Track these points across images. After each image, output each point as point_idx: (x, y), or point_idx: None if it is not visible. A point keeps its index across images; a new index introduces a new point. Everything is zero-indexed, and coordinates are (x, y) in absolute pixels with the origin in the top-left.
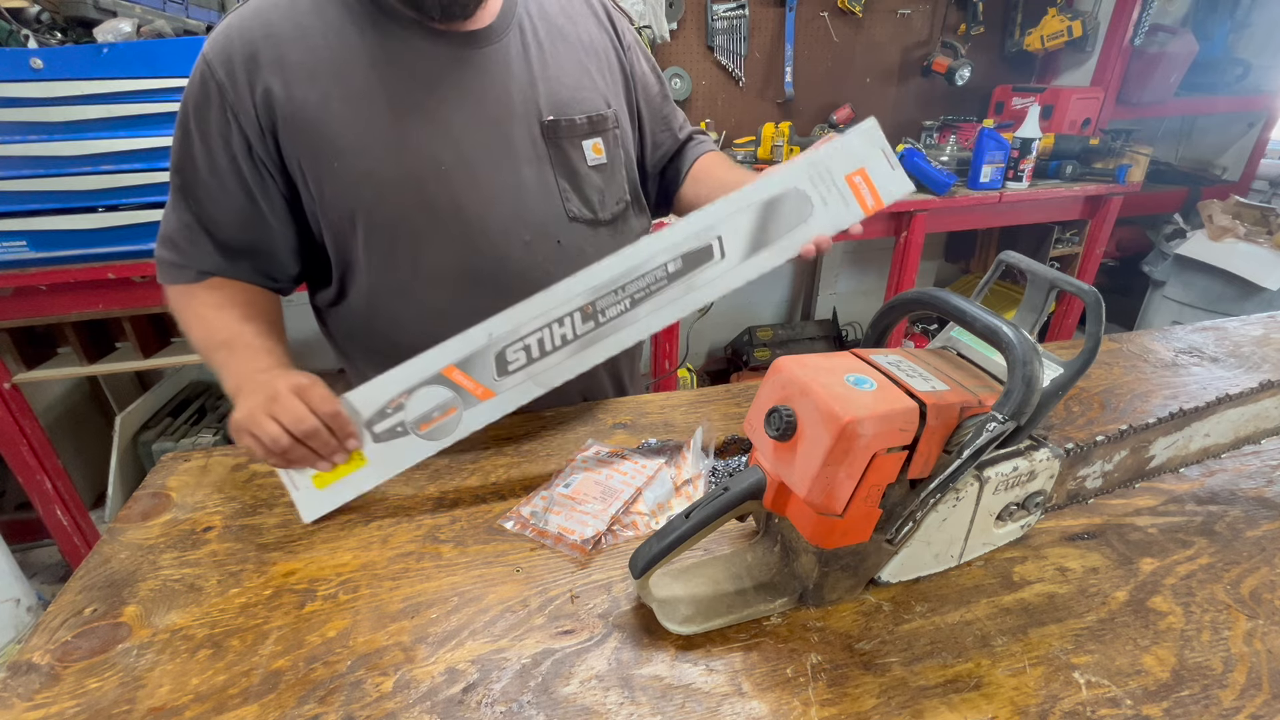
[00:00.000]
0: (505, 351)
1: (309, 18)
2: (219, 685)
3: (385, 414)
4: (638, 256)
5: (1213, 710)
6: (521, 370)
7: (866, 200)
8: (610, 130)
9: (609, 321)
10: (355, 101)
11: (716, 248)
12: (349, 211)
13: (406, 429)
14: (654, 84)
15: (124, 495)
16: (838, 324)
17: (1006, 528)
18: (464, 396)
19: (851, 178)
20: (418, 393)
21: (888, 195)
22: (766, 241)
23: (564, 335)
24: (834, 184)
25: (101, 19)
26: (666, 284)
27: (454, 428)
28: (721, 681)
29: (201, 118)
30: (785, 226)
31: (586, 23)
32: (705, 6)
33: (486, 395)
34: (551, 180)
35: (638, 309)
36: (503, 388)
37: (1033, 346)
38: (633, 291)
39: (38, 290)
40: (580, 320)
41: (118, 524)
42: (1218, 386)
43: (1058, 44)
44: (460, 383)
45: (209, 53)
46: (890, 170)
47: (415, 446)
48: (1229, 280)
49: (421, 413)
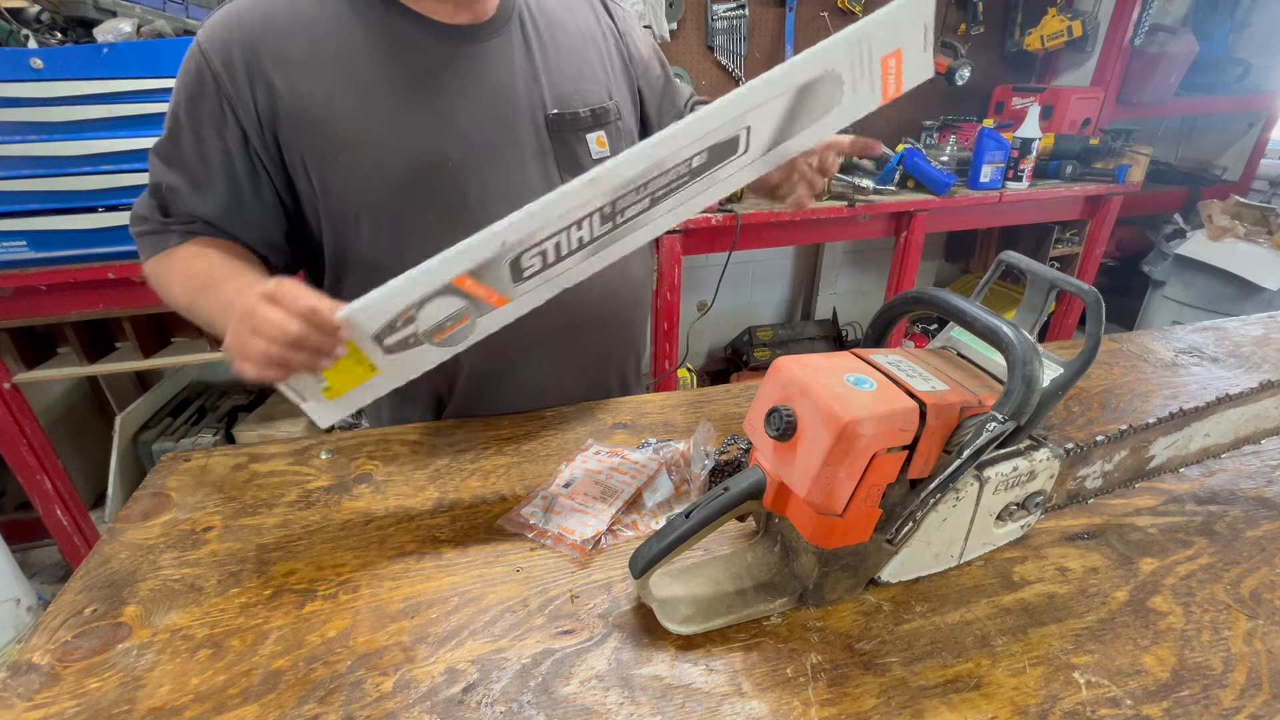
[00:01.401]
0: (520, 258)
1: (311, 9)
2: (219, 685)
3: (395, 328)
4: (665, 149)
5: (1213, 710)
6: (537, 275)
7: (889, 87)
8: (613, 122)
9: (627, 221)
10: (361, 94)
11: (743, 139)
12: (354, 206)
13: (420, 339)
14: (655, 66)
15: (124, 495)
16: (838, 324)
17: (1006, 528)
18: (477, 305)
19: (886, 59)
20: (429, 305)
21: (910, 80)
22: (791, 132)
23: (581, 238)
24: (870, 65)
25: (101, 19)
26: (688, 180)
27: (469, 333)
28: (721, 681)
29: (194, 108)
30: (812, 116)
31: (583, 12)
32: (705, 6)
33: (501, 302)
34: (555, 175)
35: (657, 206)
36: (518, 293)
37: (1033, 346)
38: (654, 190)
39: (38, 290)
40: (599, 222)
41: (118, 524)
42: (1218, 386)
43: (1058, 44)
44: (473, 291)
45: (205, 44)
46: (922, 51)
47: (429, 354)
48: (1229, 280)
49: (434, 323)
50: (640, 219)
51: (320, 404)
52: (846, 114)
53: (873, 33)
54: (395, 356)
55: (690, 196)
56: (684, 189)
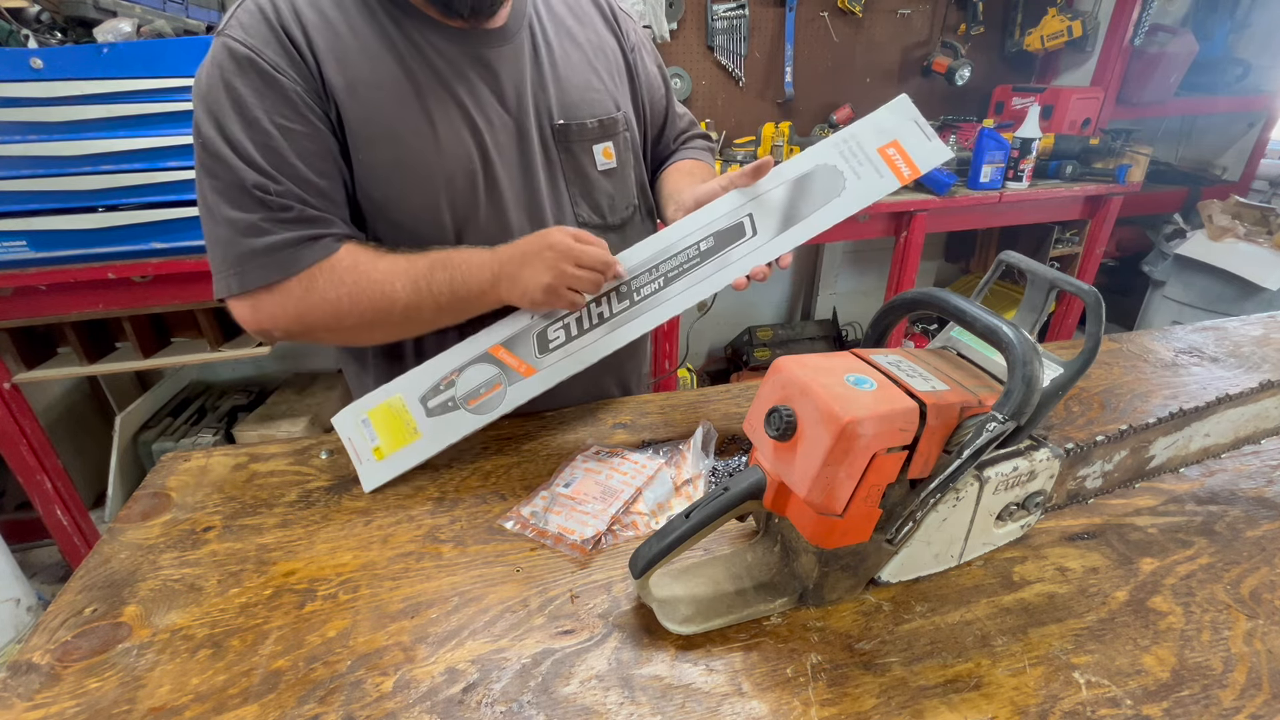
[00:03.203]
0: (546, 331)
1: (330, 8)
2: (219, 685)
3: (438, 390)
4: (670, 237)
5: (1213, 710)
6: (560, 348)
7: (902, 170)
8: (620, 134)
9: (643, 300)
10: (380, 92)
11: (748, 225)
12: (372, 203)
13: (456, 404)
14: (659, 86)
15: (124, 495)
16: (838, 324)
17: (1006, 528)
18: (508, 373)
19: (885, 150)
20: (467, 370)
21: (924, 164)
22: (798, 217)
23: (600, 314)
24: (866, 158)
25: (101, 19)
26: (699, 262)
27: (499, 403)
28: (721, 681)
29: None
30: (817, 201)
31: (594, 23)
32: (705, 6)
33: (529, 372)
34: (561, 185)
35: (671, 287)
36: (544, 365)
37: (1033, 346)
38: (666, 270)
39: (38, 290)
40: (615, 300)
41: (118, 524)
42: (1218, 386)
43: (1058, 44)
44: (505, 360)
45: (248, 40)
46: (926, 140)
47: (464, 420)
48: (1229, 280)
49: (470, 389)
50: (656, 297)
51: (371, 465)
52: (859, 197)
53: (858, 133)
54: (435, 420)
55: (705, 276)
56: (696, 269)
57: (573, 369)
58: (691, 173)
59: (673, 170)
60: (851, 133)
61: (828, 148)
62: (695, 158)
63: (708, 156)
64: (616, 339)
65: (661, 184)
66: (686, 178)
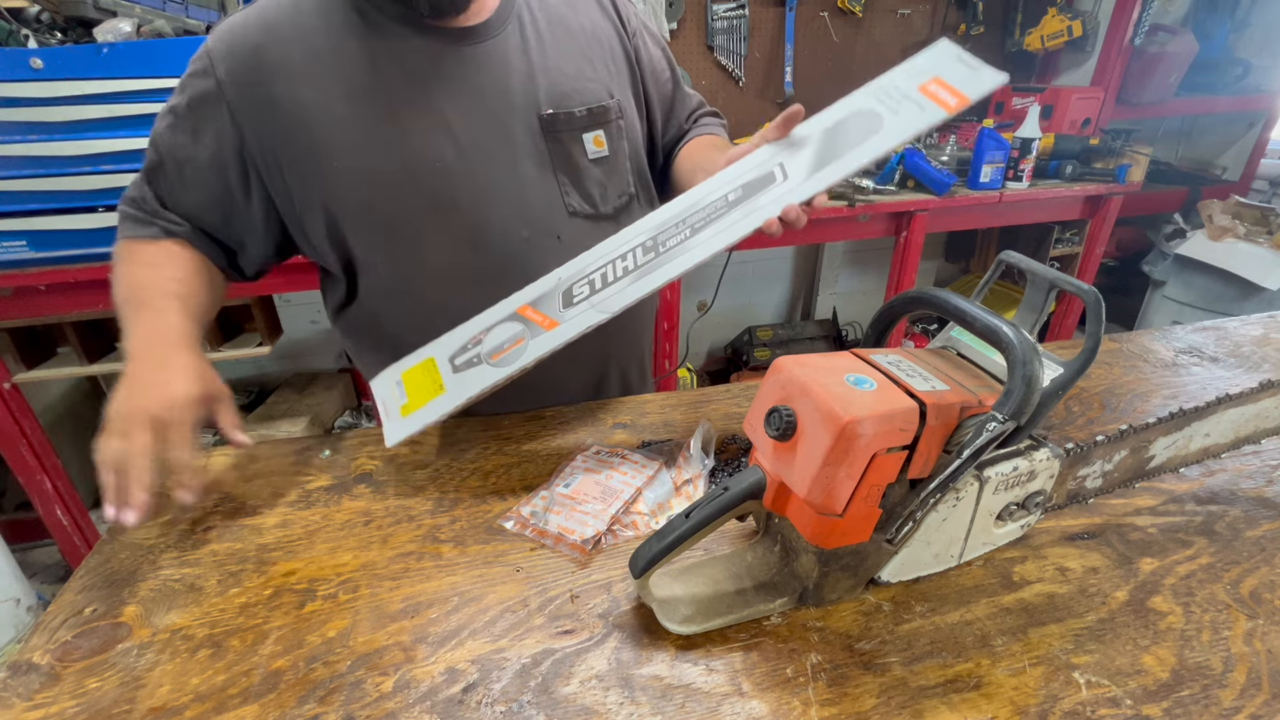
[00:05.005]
0: (572, 288)
1: (312, 19)
2: (219, 685)
3: (466, 349)
4: (697, 195)
5: (1213, 710)
6: (585, 301)
7: (948, 100)
8: (613, 121)
9: (669, 250)
10: (354, 100)
11: (778, 172)
12: (349, 209)
13: (481, 359)
14: (664, 69)
15: None
16: (838, 324)
17: (1006, 528)
18: (531, 328)
19: (925, 86)
20: (494, 330)
21: (973, 92)
22: (833, 158)
23: (625, 267)
24: (904, 96)
25: (101, 19)
26: (727, 210)
27: (520, 355)
28: (721, 681)
29: (196, 109)
30: (853, 140)
31: (589, 11)
32: (705, 6)
33: (551, 326)
34: (551, 175)
35: (697, 235)
36: (566, 317)
37: (1033, 346)
38: (693, 222)
39: (38, 290)
40: (642, 253)
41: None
42: (1218, 386)
43: (1058, 44)
44: (530, 317)
45: (212, 48)
46: (972, 72)
47: (485, 373)
48: (1229, 280)
49: (494, 344)
50: (681, 247)
51: (396, 421)
52: (900, 130)
53: (892, 77)
54: (459, 375)
55: (733, 221)
56: (724, 217)
57: (595, 318)
58: (715, 145)
59: (694, 144)
60: (888, 77)
61: (862, 95)
62: (713, 133)
63: (723, 132)
64: (640, 288)
65: (684, 160)
66: (712, 150)
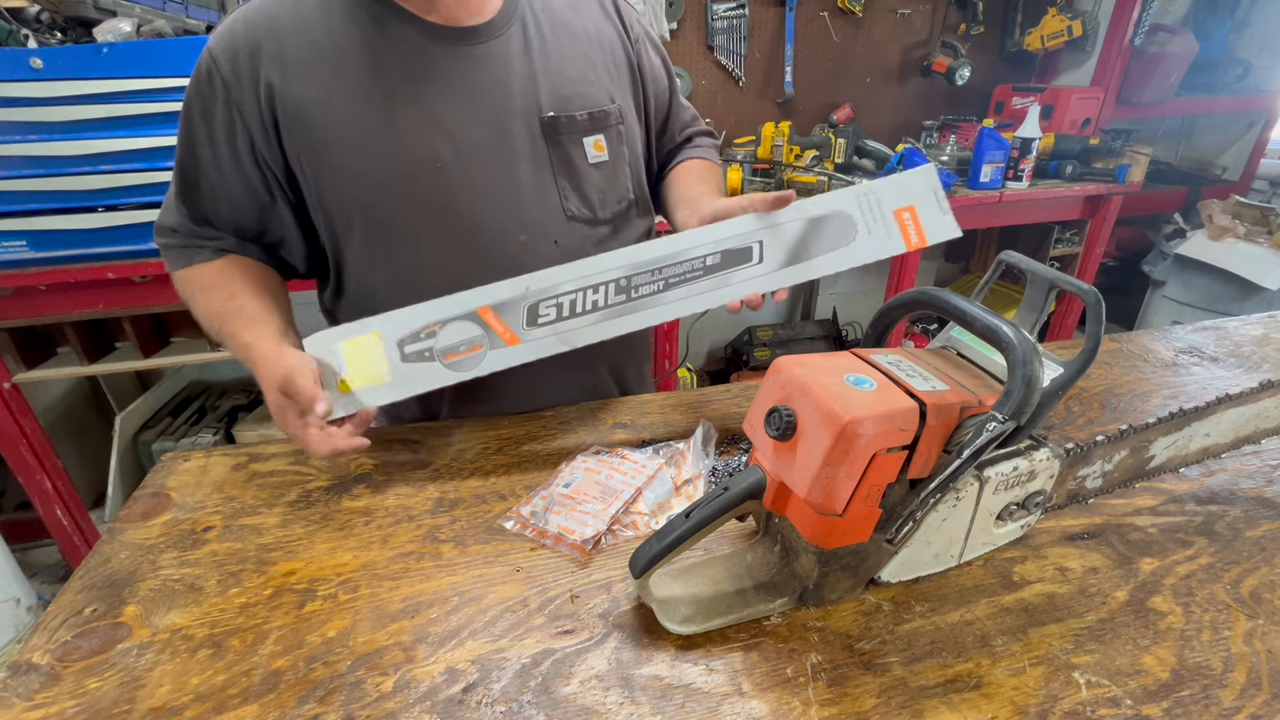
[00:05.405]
0: (539, 305)
1: (314, 14)
2: (219, 685)
3: (418, 337)
4: (680, 244)
5: (1213, 710)
6: (549, 325)
7: (911, 236)
8: (613, 126)
9: (640, 298)
10: (353, 97)
11: (756, 251)
12: (346, 208)
13: (433, 355)
14: (663, 79)
15: (124, 495)
16: (838, 324)
17: (1006, 528)
18: (491, 337)
19: (900, 213)
20: (450, 325)
21: (934, 236)
22: (805, 256)
23: (595, 301)
24: (881, 216)
25: (101, 19)
26: (702, 275)
27: (476, 364)
28: (721, 681)
29: (206, 112)
30: (826, 245)
31: (593, 15)
32: (705, 6)
33: (513, 341)
34: (550, 178)
35: (669, 292)
36: (529, 337)
37: (1033, 346)
38: (668, 275)
39: (38, 290)
40: (613, 291)
41: (118, 524)
42: (1218, 386)
43: (1058, 44)
44: (491, 324)
45: (214, 47)
46: (940, 214)
47: (436, 373)
48: (1229, 280)
49: (450, 344)
50: (653, 299)
51: (334, 394)
52: (866, 251)
53: (878, 189)
54: (407, 367)
55: (703, 291)
56: (697, 282)
57: (557, 348)
58: (703, 177)
59: (684, 170)
60: (874, 187)
61: (849, 197)
62: (704, 157)
63: (714, 155)
64: (606, 329)
65: (671, 184)
66: (700, 183)
